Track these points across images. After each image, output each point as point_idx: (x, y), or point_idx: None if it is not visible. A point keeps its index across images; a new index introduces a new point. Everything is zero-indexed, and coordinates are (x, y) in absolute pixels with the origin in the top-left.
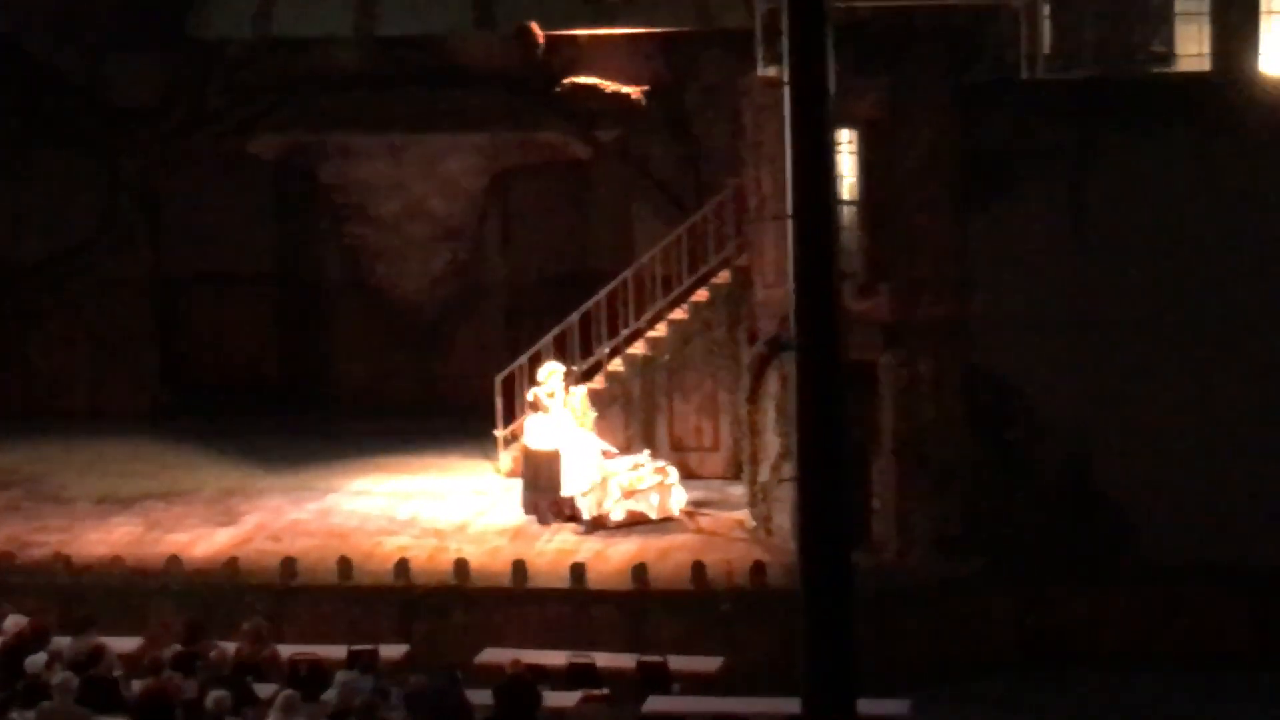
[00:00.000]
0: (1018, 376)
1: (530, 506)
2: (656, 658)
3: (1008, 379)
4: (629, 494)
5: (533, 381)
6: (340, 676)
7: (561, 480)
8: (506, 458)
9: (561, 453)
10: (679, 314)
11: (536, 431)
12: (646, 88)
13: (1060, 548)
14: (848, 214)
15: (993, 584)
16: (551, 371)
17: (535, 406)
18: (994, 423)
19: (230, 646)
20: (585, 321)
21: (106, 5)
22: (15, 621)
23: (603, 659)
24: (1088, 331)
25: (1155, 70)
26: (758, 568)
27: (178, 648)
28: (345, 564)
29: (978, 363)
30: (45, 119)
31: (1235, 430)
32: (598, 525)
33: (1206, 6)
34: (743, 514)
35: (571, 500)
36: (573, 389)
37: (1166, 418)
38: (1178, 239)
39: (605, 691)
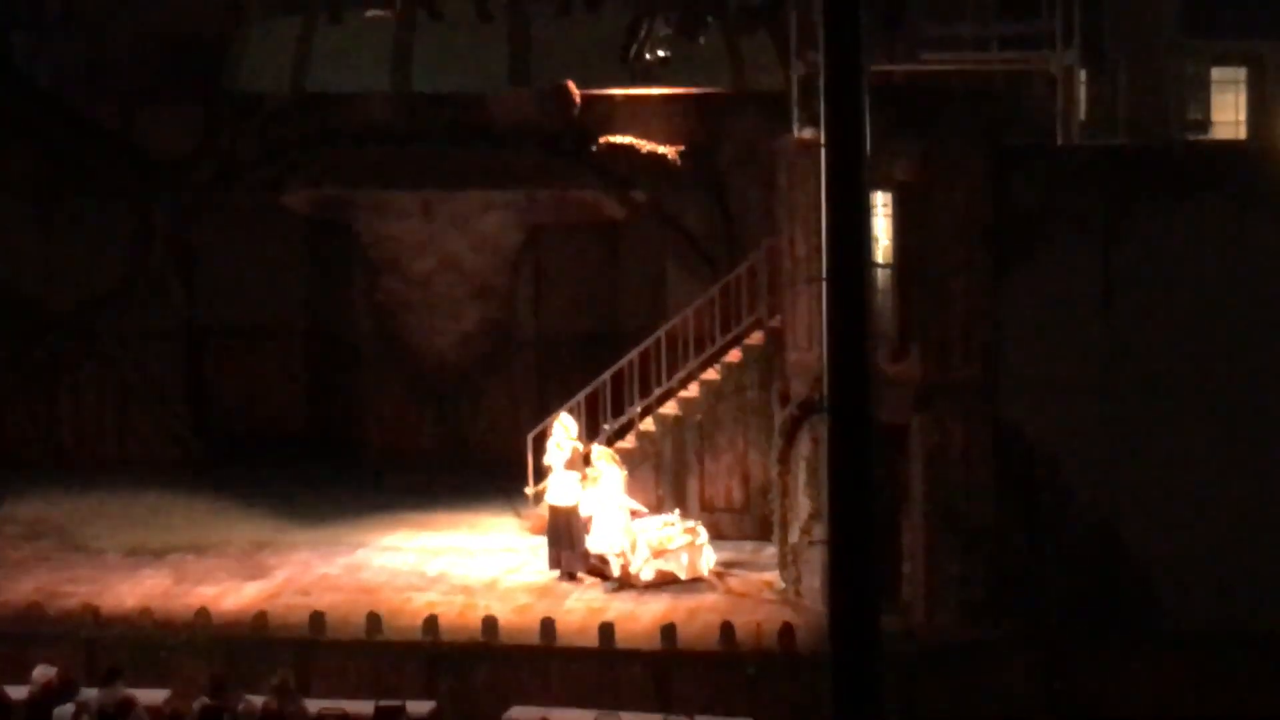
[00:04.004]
0: (1046, 440)
1: (555, 562)
2: (684, 718)
3: (1036, 442)
4: (658, 553)
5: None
6: None
7: (585, 536)
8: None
9: (584, 509)
10: (711, 374)
11: (557, 488)
12: (681, 148)
13: (1087, 611)
14: (880, 276)
15: (1020, 647)
16: (564, 426)
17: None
18: (1022, 486)
19: (257, 700)
20: (617, 380)
21: (142, 57)
22: (43, 672)
23: (630, 718)
24: (1116, 396)
25: (1190, 137)
26: (786, 629)
27: (205, 701)
28: (373, 619)
29: (1007, 426)
30: (79, 169)
31: (1263, 495)
32: (626, 584)
33: (1243, 75)
34: (772, 575)
35: (597, 556)
36: (595, 446)
37: (1194, 483)
38: (1208, 305)
39: None
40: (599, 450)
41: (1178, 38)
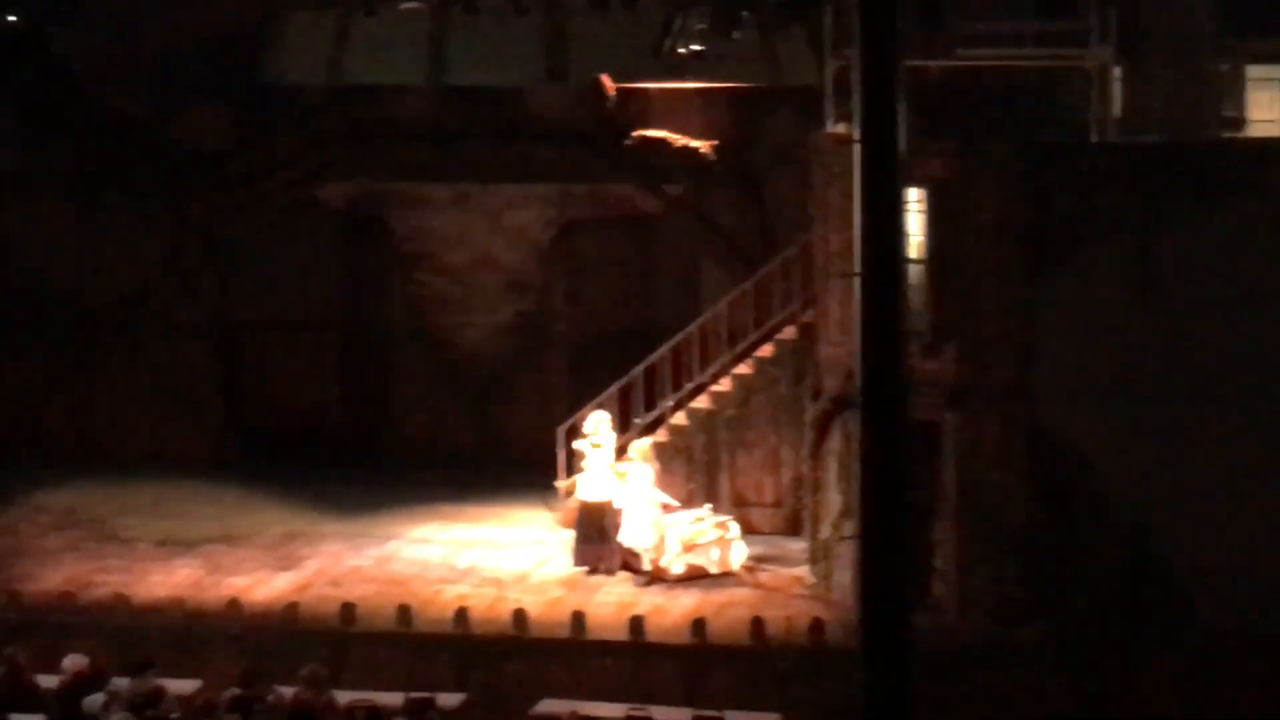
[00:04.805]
0: (1080, 441)
1: (581, 558)
2: (713, 713)
3: (1070, 444)
4: (689, 548)
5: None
6: None
7: (617, 531)
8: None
9: (617, 504)
10: (744, 369)
11: (588, 483)
12: (716, 142)
13: (1119, 614)
14: (914, 273)
15: (1051, 649)
16: (598, 421)
17: (579, 457)
18: (1055, 487)
19: (288, 691)
20: (649, 374)
21: (178, 51)
22: (74, 661)
23: (660, 713)
24: (1151, 398)
25: (1226, 135)
26: (817, 625)
27: (235, 691)
28: (404, 611)
29: (1040, 426)
30: (114, 163)
31: None
32: (657, 578)
33: (1279, 72)
34: (803, 571)
35: (628, 551)
36: (635, 441)
37: (1228, 486)
38: (1244, 306)
39: None
40: (638, 444)
41: (1214, 35)
